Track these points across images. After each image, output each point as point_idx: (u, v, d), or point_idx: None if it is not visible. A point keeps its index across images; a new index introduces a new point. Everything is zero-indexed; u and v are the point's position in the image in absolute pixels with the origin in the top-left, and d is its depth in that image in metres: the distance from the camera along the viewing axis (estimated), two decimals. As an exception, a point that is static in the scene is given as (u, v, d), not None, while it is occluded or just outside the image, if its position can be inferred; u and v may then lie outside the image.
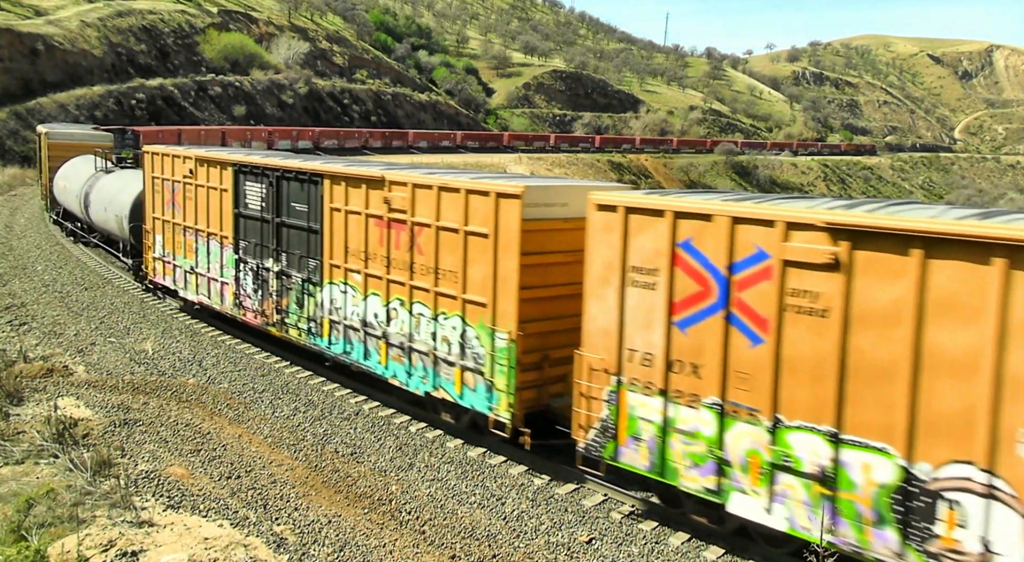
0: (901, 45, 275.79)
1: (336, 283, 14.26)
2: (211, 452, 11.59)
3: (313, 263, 14.75)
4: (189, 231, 18.38)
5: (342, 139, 70.35)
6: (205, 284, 18.12)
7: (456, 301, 11.83)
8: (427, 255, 12.33)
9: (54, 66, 58.91)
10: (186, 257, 18.63)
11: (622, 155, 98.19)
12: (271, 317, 16.13)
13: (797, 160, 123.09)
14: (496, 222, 11.17)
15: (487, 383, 11.47)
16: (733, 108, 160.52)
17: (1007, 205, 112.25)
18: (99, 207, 24.29)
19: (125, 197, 22.19)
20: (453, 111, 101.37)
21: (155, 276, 20.30)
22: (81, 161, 28.89)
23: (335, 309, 14.35)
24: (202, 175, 17.62)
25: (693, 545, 9.59)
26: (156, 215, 19.74)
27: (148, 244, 20.33)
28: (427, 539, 9.57)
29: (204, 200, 17.65)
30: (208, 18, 79.59)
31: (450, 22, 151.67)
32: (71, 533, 8.37)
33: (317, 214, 14.53)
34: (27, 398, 13.13)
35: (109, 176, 25.01)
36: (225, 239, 17.12)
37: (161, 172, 19.27)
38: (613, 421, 9.80)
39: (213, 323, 18.80)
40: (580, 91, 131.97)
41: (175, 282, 19.34)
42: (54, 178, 30.35)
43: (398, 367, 13.19)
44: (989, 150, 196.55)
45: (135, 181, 22.08)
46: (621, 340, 9.66)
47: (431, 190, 12.22)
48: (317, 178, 14.50)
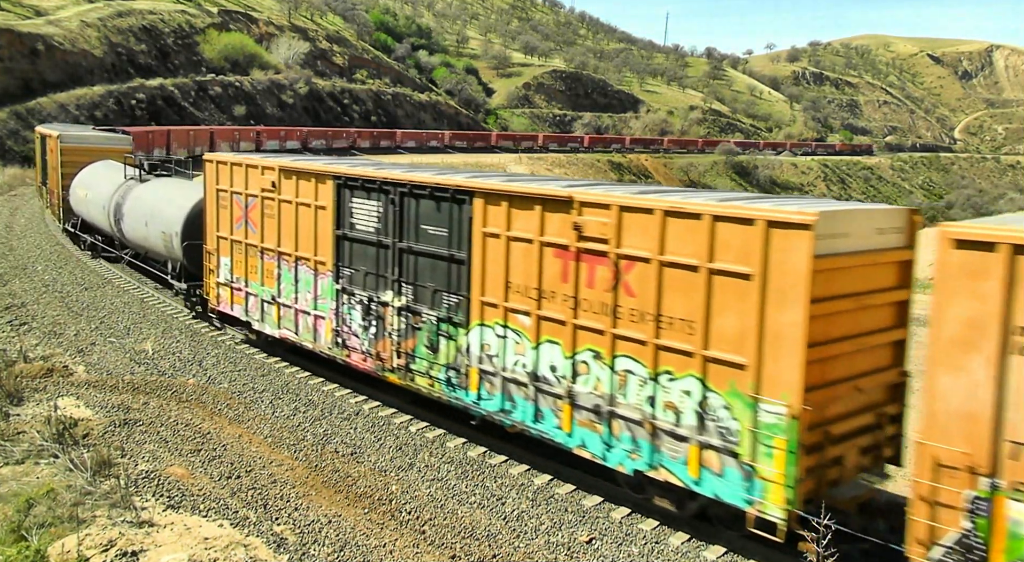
0: (901, 45, 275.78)
1: (490, 325, 11.55)
2: (211, 452, 11.59)
3: (454, 299, 12.07)
4: (270, 254, 15.66)
5: (330, 139, 69.72)
6: (291, 317, 15.37)
7: (692, 359, 9.20)
8: (641, 297, 9.71)
9: (54, 66, 58.90)
10: (264, 284, 15.91)
11: (622, 155, 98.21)
12: (389, 361, 13.28)
13: (797, 160, 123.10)
14: (765, 259, 8.57)
15: (744, 468, 8.82)
16: (733, 108, 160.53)
17: (1007, 205, 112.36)
18: (136, 221, 21.54)
19: (174, 211, 19.43)
20: (453, 111, 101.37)
21: (219, 304, 17.56)
22: (103, 168, 26.56)
23: (488, 357, 11.63)
24: (289, 189, 14.96)
25: (693, 545, 9.59)
26: (222, 234, 17.03)
27: (210, 267, 17.67)
28: (427, 539, 9.57)
29: (291, 218, 14.98)
30: (208, 18, 79.60)
31: (450, 22, 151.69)
32: (71, 533, 8.37)
33: (462, 240, 11.84)
34: (27, 398, 13.13)
35: (145, 186, 22.21)
36: (321, 265, 14.42)
37: (229, 184, 16.60)
38: (982, 540, 7.28)
39: (299, 362, 16.22)
40: (580, 91, 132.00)
41: (247, 312, 16.63)
42: (70, 186, 27.52)
43: (589, 436, 10.42)
44: (989, 150, 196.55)
45: (183, 192, 20.05)
46: (999, 428, 7.14)
47: (651, 215, 9.58)
48: (464, 196, 11.80)
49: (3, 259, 25.50)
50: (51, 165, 30.51)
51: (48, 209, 33.57)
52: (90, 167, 27.18)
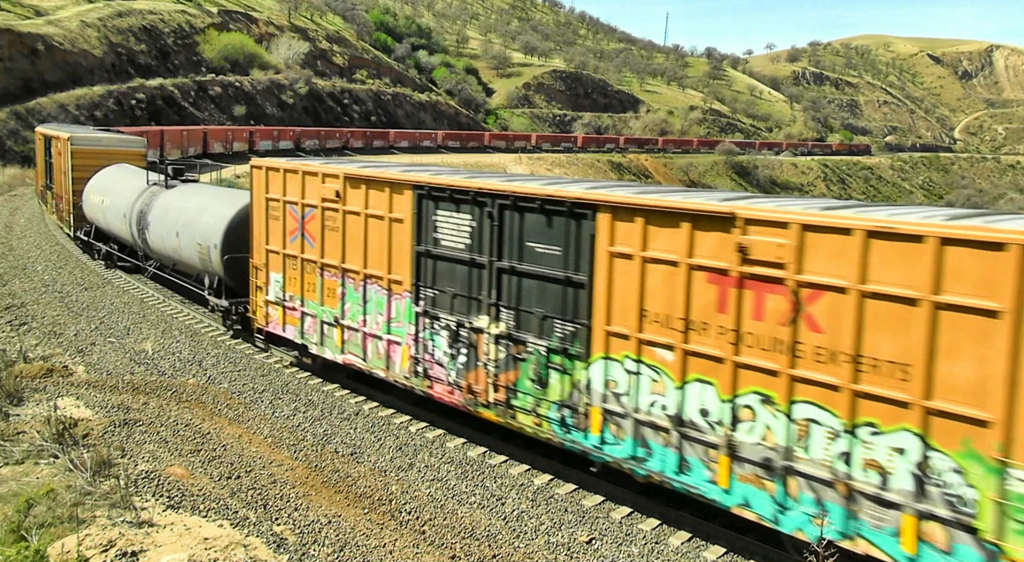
0: (901, 45, 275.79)
1: (617, 359, 10.04)
2: (211, 452, 11.59)
3: (570, 328, 10.54)
4: (332, 271, 14.12)
5: (323, 139, 69.08)
6: (357, 341, 13.84)
7: (906, 410, 7.85)
8: (832, 334, 8.24)
9: (54, 66, 58.90)
10: (324, 304, 14.38)
11: (622, 155, 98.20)
12: (483, 395, 11.75)
13: (797, 160, 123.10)
14: (1021, 293, 7.19)
15: (985, 547, 7.46)
16: (733, 108, 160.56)
17: (1007, 205, 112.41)
18: (165, 231, 19.95)
19: (213, 221, 17.84)
20: (453, 111, 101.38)
21: (268, 324, 16.00)
22: (119, 172, 25.22)
23: (615, 396, 10.12)
24: (356, 199, 13.46)
25: (693, 545, 9.59)
26: (273, 248, 15.49)
27: (257, 284, 16.10)
28: (427, 539, 9.57)
29: (359, 231, 13.47)
30: (208, 18, 79.60)
31: (450, 22, 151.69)
32: (71, 533, 8.37)
33: (581, 260, 10.33)
34: (27, 398, 13.13)
35: (172, 193, 20.68)
36: (396, 285, 12.93)
37: (282, 193, 15.04)
38: None
39: (364, 390, 14.77)
40: (580, 91, 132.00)
41: (303, 334, 15.08)
42: (83, 191, 25.76)
43: (755, 494, 8.91)
44: (989, 150, 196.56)
45: (220, 201, 18.52)
46: None
47: (848, 236, 8.08)
48: (584, 210, 10.27)
49: (3, 259, 25.50)
50: (59, 168, 28.57)
51: (54, 215, 31.59)
52: (105, 171, 25.66)
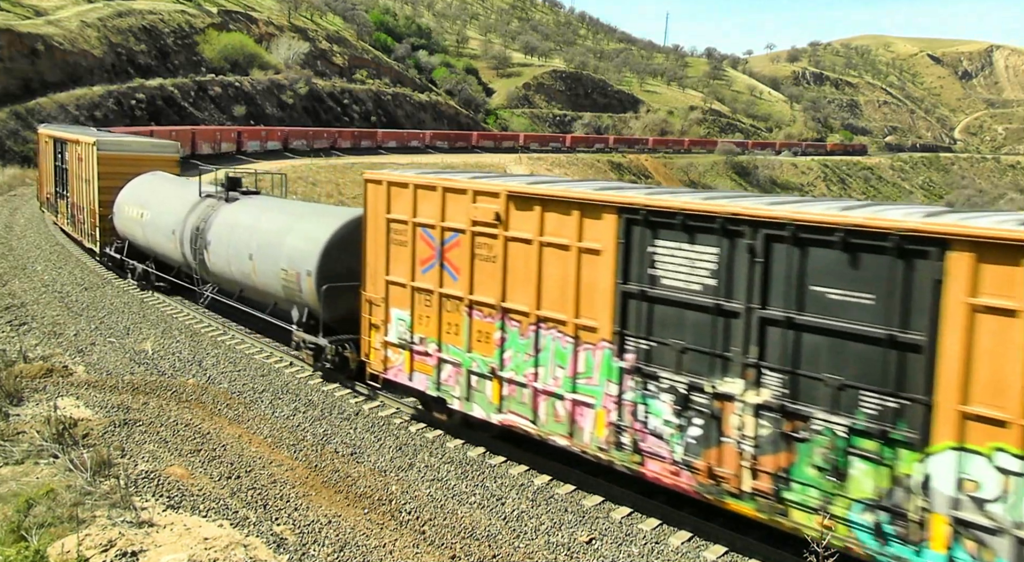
0: (901, 45, 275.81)
1: (982, 452, 7.49)
2: (211, 452, 11.59)
3: (891, 404, 8.01)
4: (485, 311, 11.57)
5: (311, 139, 68.12)
6: (524, 398, 11.19)
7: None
8: None
9: (54, 66, 58.90)
10: (473, 350, 11.79)
11: (622, 155, 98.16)
12: (734, 482, 9.17)
13: (797, 160, 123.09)
14: None
15: None
16: (733, 108, 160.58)
17: (1007, 205, 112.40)
18: (231, 252, 17.46)
19: (303, 244, 15.27)
20: (453, 111, 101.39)
21: (386, 370, 13.36)
22: (158, 181, 22.90)
23: (976, 502, 7.54)
24: (525, 223, 10.98)
25: (693, 545, 9.58)
26: (396, 279, 12.92)
27: (372, 321, 13.49)
28: (427, 539, 9.57)
29: (529, 263, 10.95)
30: (208, 18, 79.61)
31: (450, 22, 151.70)
32: (71, 533, 8.37)
33: (914, 313, 7.86)
34: (27, 398, 13.13)
35: (235, 207, 18.25)
36: (588, 333, 10.36)
37: (411, 213, 12.54)
38: None
39: (517, 453, 12.07)
40: (580, 91, 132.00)
41: (438, 385, 12.51)
42: (114, 202, 23.25)
43: None
44: (989, 150, 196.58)
45: (309, 219, 15.98)
46: None
47: None
48: (924, 245, 7.76)
49: (3, 259, 25.50)
50: (78, 176, 25.83)
51: (68, 227, 28.56)
52: (140, 180, 23.22)
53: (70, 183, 27.47)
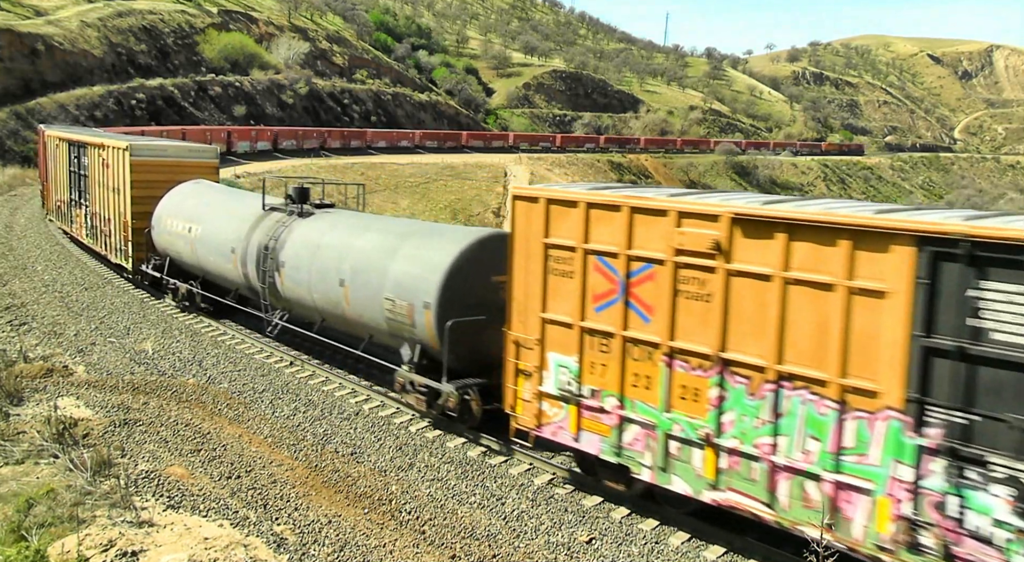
0: (901, 45, 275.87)
1: None
2: (211, 452, 11.59)
3: None
4: (692, 361, 9.32)
5: (300, 139, 67.42)
6: (754, 475, 8.91)
7: None
8: None
9: (54, 66, 58.92)
10: (675, 410, 9.51)
11: (622, 155, 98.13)
12: None
13: (797, 160, 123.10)
14: None
15: None
16: (733, 108, 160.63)
17: (1007, 205, 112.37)
18: (315, 277, 15.08)
19: (417, 269, 13.04)
20: (453, 111, 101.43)
21: (541, 426, 11.05)
22: (206, 191, 20.71)
23: None
24: (763, 253, 8.74)
25: (693, 545, 9.59)
26: (557, 317, 10.65)
27: (522, 366, 11.22)
28: (427, 539, 9.57)
29: (768, 305, 8.71)
30: (208, 18, 79.63)
31: (450, 22, 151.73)
32: (71, 533, 8.37)
33: None
34: (27, 398, 13.13)
35: (315, 224, 16.00)
36: (862, 398, 8.17)
37: (581, 238, 10.27)
38: None
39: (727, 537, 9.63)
40: (580, 91, 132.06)
41: (619, 449, 10.14)
42: (153, 214, 21.05)
43: None
44: (989, 150, 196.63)
45: (420, 241, 13.61)
46: None
47: None
48: None
49: (3, 259, 25.50)
50: (104, 184, 23.51)
51: (88, 239, 26.03)
52: (182, 190, 21.07)
53: (91, 191, 24.98)
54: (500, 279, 11.95)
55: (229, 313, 19.62)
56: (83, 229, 26.44)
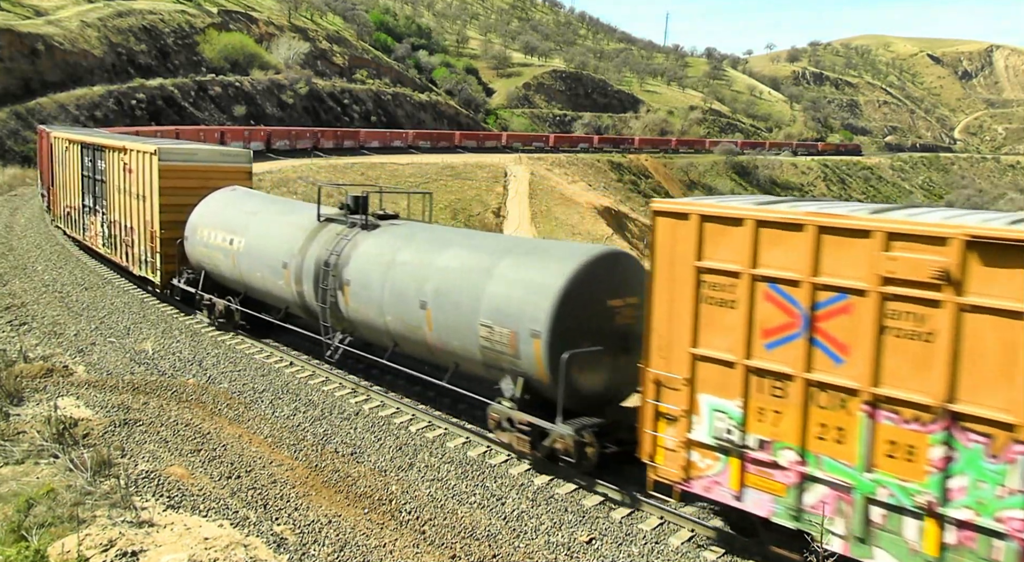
0: (901, 45, 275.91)
1: None
2: (211, 452, 11.59)
3: None
4: (909, 413, 7.76)
5: (293, 139, 66.27)
6: (1003, 557, 7.33)
7: None
8: None
9: (54, 66, 58.93)
10: (879, 470, 7.96)
11: (622, 155, 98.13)
12: None
13: (797, 160, 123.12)
14: None
15: None
16: (733, 108, 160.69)
17: (1007, 205, 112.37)
18: (392, 297, 13.35)
19: (516, 291, 11.48)
20: (453, 111, 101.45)
21: (691, 479, 9.52)
22: (247, 200, 18.99)
23: None
24: (1007, 284, 7.22)
25: (693, 545, 9.59)
26: (712, 353, 9.15)
27: (663, 408, 9.71)
28: (427, 539, 9.57)
29: (1019, 349, 7.19)
30: (208, 18, 79.65)
31: (450, 22, 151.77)
32: (71, 533, 8.37)
33: None
34: (27, 398, 13.14)
35: (379, 236, 14.42)
36: None
37: (748, 262, 8.79)
38: None
39: None
40: (580, 91, 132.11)
41: (798, 514, 8.57)
42: (186, 223, 19.40)
43: None
44: (989, 150, 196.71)
45: (514, 258, 11.98)
46: None
47: None
48: None
49: (3, 259, 25.51)
50: (126, 190, 21.83)
51: (104, 249, 24.37)
52: (219, 198, 19.42)
53: (109, 198, 23.37)
54: (617, 303, 11.01)
55: (271, 331, 18.11)
56: (99, 238, 24.77)
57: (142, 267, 21.40)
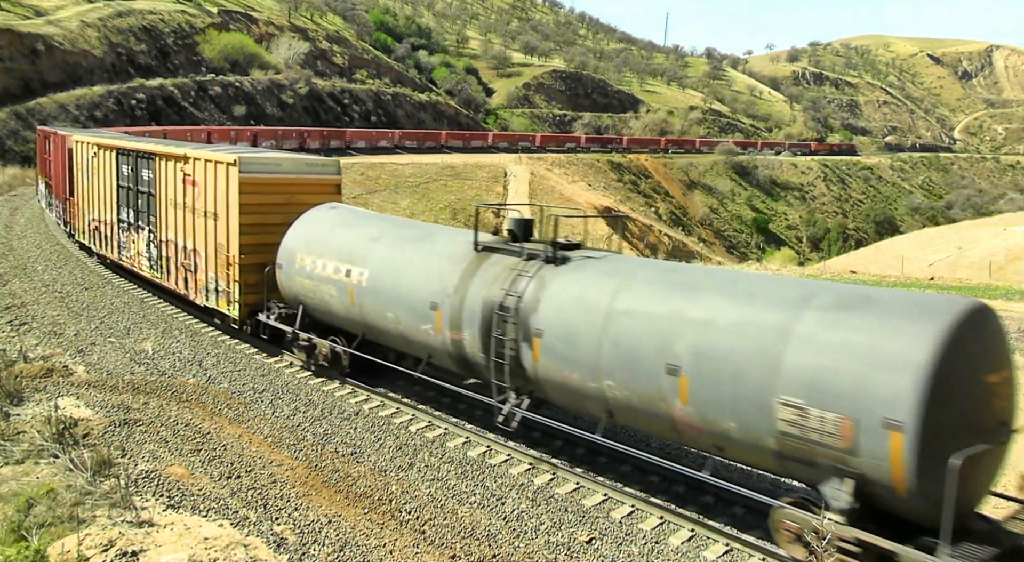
0: (901, 45, 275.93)
1: None
2: (211, 452, 11.59)
3: None
4: None
5: (280, 139, 65.55)
6: None
7: None
8: None
9: (54, 66, 58.93)
10: None
11: (622, 155, 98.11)
12: None
13: (797, 160, 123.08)
14: None
15: None
16: (733, 108, 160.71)
17: (1007, 205, 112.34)
18: (616, 359, 10.32)
19: (840, 359, 8.50)
20: (453, 111, 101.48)
21: None
22: (364, 221, 15.49)
23: None
24: None
25: (693, 545, 9.59)
26: None
27: None
28: (427, 539, 9.57)
29: None
30: (208, 18, 79.67)
31: (450, 22, 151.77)
32: (71, 533, 8.37)
33: None
34: (27, 398, 13.14)
35: (574, 272, 11.37)
36: None
37: None
38: None
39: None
40: (580, 91, 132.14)
41: None
42: (281, 247, 16.00)
43: None
44: (989, 150, 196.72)
45: (813, 312, 8.93)
46: None
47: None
48: None
49: (3, 259, 25.51)
50: (189, 206, 18.76)
51: (151, 271, 21.20)
52: (318, 218, 15.93)
53: (159, 213, 20.31)
54: (994, 379, 8.33)
55: (382, 378, 15.24)
56: (142, 260, 21.57)
57: (210, 297, 18.22)
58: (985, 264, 43.92)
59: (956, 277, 41.07)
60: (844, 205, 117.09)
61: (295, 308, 15.97)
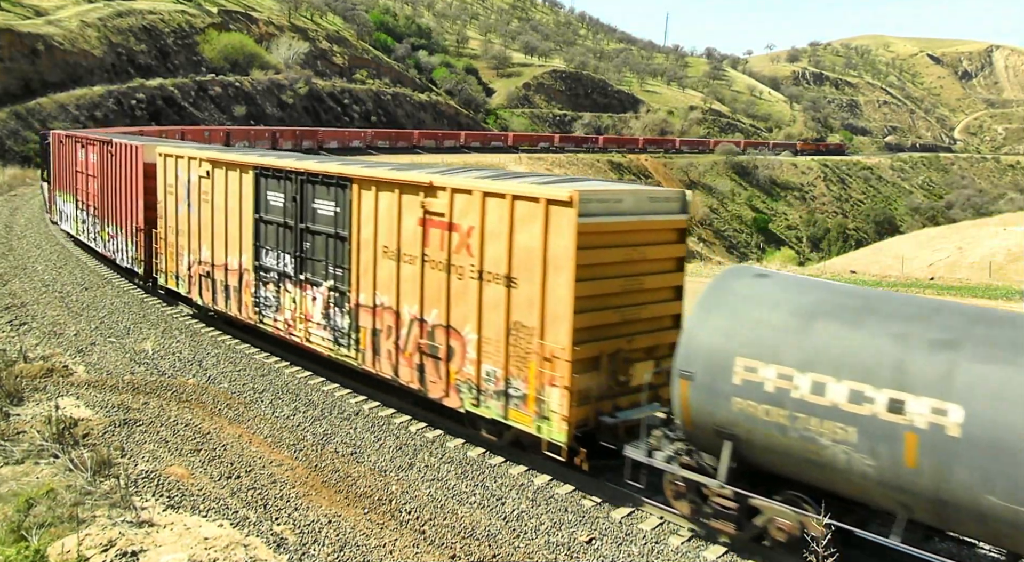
0: (901, 45, 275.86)
1: None
2: (211, 452, 11.59)
3: None
4: None
5: (252, 139, 62.89)
6: None
7: None
8: None
9: (54, 66, 58.94)
10: None
11: (622, 155, 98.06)
12: None
13: (797, 160, 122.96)
14: None
15: None
16: (733, 108, 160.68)
17: (1007, 205, 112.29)
18: None
19: None
20: (453, 111, 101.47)
21: None
22: (850, 298, 8.95)
23: None
24: None
25: (693, 545, 9.59)
26: None
27: None
28: (427, 539, 9.57)
29: None
30: (208, 18, 79.66)
31: (450, 22, 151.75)
32: (71, 533, 8.37)
33: None
34: (27, 398, 13.14)
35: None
36: None
37: None
38: None
39: None
40: (580, 91, 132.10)
41: None
42: (689, 341, 9.33)
43: None
44: (989, 150, 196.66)
45: None
46: None
47: None
48: None
49: (3, 259, 25.51)
50: (460, 266, 12.11)
51: (325, 348, 14.86)
52: (749, 294, 9.29)
53: (356, 266, 14.03)
54: None
55: None
56: (312, 327, 15.32)
57: (485, 401, 11.93)
58: (985, 264, 43.91)
59: (956, 277, 41.04)
60: (844, 205, 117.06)
61: (708, 444, 9.44)
